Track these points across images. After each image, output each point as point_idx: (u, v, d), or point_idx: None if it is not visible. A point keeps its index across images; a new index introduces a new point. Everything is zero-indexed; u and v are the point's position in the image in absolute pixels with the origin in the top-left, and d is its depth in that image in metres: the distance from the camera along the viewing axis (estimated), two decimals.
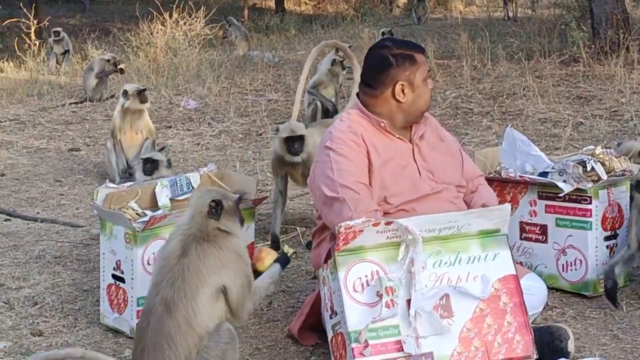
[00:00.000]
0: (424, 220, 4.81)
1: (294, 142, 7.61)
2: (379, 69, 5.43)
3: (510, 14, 25.94)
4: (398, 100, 5.40)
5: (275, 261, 5.57)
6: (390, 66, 5.39)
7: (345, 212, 5.11)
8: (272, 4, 36.61)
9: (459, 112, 13.40)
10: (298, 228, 8.23)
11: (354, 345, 4.64)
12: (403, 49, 5.43)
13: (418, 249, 4.72)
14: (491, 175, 6.67)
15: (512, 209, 6.50)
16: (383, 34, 16.97)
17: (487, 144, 11.12)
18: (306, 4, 36.53)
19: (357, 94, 5.63)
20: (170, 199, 6.47)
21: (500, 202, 5.98)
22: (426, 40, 19.45)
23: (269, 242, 7.74)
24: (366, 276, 4.76)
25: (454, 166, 5.63)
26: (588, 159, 6.41)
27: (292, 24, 28.13)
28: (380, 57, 5.44)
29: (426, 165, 5.47)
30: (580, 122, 12.36)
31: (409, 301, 4.67)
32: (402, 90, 5.38)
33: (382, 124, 5.42)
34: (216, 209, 4.92)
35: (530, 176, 6.49)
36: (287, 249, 5.60)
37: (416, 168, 5.44)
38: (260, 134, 12.93)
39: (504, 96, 14.10)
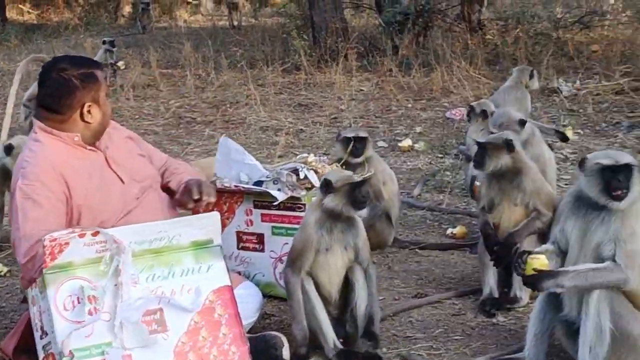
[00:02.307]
0: (131, 229, 4.72)
1: None
2: (63, 93, 5.15)
3: (235, 23, 26.20)
4: (87, 122, 5.22)
5: None
6: (76, 89, 5.14)
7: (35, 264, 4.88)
8: None
9: (182, 121, 13.36)
10: None
11: None
12: (84, 69, 5.20)
13: (125, 258, 4.61)
14: None
15: (228, 219, 6.57)
16: (104, 42, 16.67)
17: (209, 153, 11.13)
18: (29, 12, 35.39)
19: (37, 118, 5.30)
20: None
21: (222, 213, 5.97)
22: (150, 49, 19.29)
23: None
24: (76, 294, 4.61)
25: (146, 163, 5.55)
26: (301, 167, 6.51)
27: (14, 33, 27.19)
28: (63, 81, 5.15)
29: (123, 169, 5.34)
30: (301, 129, 12.61)
31: None
32: (89, 111, 5.19)
33: (76, 138, 5.23)
34: None
35: (245, 185, 6.52)
36: (1, 268, 5.35)
37: (116, 177, 5.31)
38: None
39: (227, 105, 14.20)
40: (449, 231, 8.27)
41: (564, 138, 9.93)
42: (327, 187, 5.50)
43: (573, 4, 20.75)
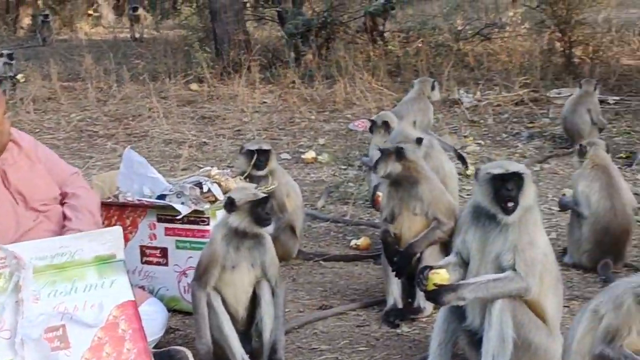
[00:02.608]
0: (32, 245, 4.64)
1: None
2: None
3: (137, 35, 26.00)
4: None
5: None
6: None
7: None
8: None
9: (83, 135, 13.19)
10: None
11: None
12: None
13: (25, 274, 4.54)
14: (109, 200, 6.59)
15: (131, 233, 6.50)
16: (2, 55, 16.38)
17: (112, 167, 11.00)
18: None
19: None
20: None
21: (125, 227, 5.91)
22: (50, 62, 19.02)
23: None
24: None
25: (49, 185, 5.44)
26: (205, 180, 6.50)
27: None
28: None
29: (21, 190, 5.25)
30: (204, 142, 12.56)
31: None
32: None
33: None
34: None
35: (149, 199, 6.47)
36: None
37: (9, 196, 5.22)
38: None
39: (130, 118, 14.08)
40: (353, 242, 8.32)
41: (464, 162, 10.17)
42: (230, 205, 5.50)
43: (473, 16, 21.06)
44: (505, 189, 5.10)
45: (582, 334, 4.87)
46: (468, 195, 9.31)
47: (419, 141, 7.75)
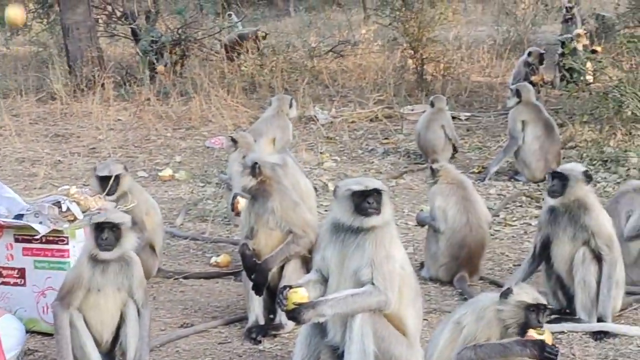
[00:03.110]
0: None
1: None
2: None
3: None
4: None
5: None
6: None
7: None
8: None
9: None
10: None
11: None
12: None
13: None
14: None
15: None
16: None
17: None
18: None
19: None
20: None
21: None
22: None
23: None
24: None
25: None
26: (63, 199, 6.40)
27: None
28: None
29: None
30: (59, 160, 12.35)
31: None
32: None
33: None
34: None
35: (5, 219, 6.35)
36: None
37: None
38: None
39: None
40: (212, 260, 8.31)
41: None
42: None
43: (326, 34, 21.30)
44: (366, 203, 5.20)
45: (444, 345, 5.02)
46: (326, 211, 9.41)
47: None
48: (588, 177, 6.62)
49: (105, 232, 5.53)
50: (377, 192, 5.26)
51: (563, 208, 6.62)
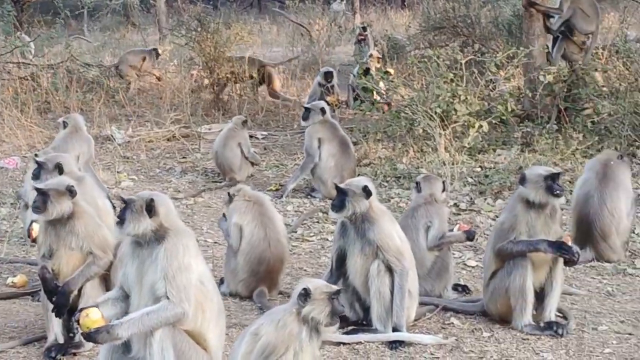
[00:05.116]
0: None
1: None
2: None
3: None
4: None
5: None
6: None
7: None
8: None
9: None
10: None
11: None
12: None
13: None
14: None
15: None
16: None
17: None
18: None
19: None
20: None
21: None
22: None
23: None
24: None
25: None
26: None
27: None
28: None
29: None
30: None
31: None
32: None
33: None
34: None
35: None
36: None
37: None
38: None
39: None
40: (9, 280, 8.14)
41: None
42: None
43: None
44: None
45: (242, 356, 5.12)
46: None
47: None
48: (367, 192, 6.83)
49: None
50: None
51: (351, 223, 6.84)
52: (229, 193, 8.00)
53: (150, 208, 5.39)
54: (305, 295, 5.13)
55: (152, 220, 5.39)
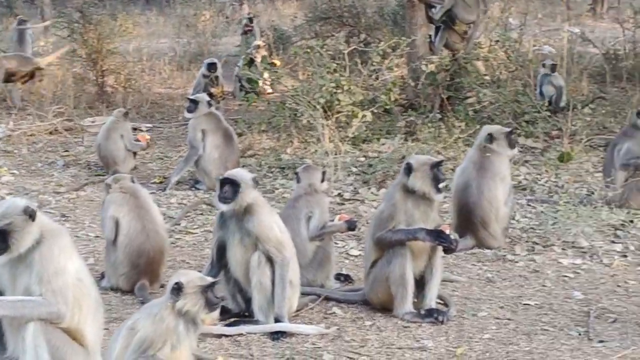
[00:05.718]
0: None
1: None
2: None
3: None
4: None
5: None
6: None
7: None
8: None
9: None
10: None
11: None
12: None
13: None
14: None
15: None
16: None
17: None
18: None
19: None
20: None
21: None
22: None
23: None
24: None
25: None
26: None
27: None
28: None
29: None
30: None
31: None
32: None
33: None
34: None
35: None
36: None
37: None
38: None
39: None
40: None
41: None
42: None
43: (3, 46, 20.68)
44: None
45: (120, 350, 5.07)
46: None
47: None
48: (255, 183, 6.85)
49: None
50: None
51: (230, 213, 6.81)
52: (106, 183, 7.90)
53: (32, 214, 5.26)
54: (178, 289, 5.10)
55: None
